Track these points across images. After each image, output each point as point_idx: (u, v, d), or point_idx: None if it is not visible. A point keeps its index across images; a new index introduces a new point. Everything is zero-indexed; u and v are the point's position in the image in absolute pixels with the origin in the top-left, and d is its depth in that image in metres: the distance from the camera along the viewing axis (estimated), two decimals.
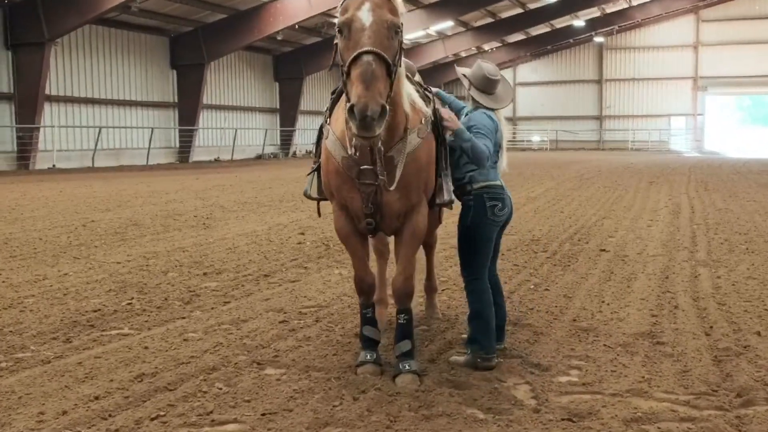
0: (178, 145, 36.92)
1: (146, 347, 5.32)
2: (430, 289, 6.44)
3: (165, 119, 36.50)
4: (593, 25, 51.17)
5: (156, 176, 25.77)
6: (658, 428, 4.00)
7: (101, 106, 32.98)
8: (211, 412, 4.07)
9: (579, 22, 49.87)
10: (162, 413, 4.02)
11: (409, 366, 4.63)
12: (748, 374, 4.86)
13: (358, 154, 4.31)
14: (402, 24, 4.19)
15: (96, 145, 32.02)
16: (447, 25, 44.40)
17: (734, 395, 4.50)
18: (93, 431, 3.80)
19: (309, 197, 5.18)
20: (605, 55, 55.57)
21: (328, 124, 4.76)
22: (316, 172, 5.13)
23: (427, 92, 5.21)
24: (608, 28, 52.71)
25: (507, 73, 58.73)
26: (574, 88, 56.46)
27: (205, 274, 8.18)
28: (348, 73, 3.96)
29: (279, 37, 36.76)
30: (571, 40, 54.51)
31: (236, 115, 41.79)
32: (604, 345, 5.55)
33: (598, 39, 54.04)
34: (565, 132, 55.69)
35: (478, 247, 5.22)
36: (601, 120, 56.11)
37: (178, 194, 18.01)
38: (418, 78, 5.53)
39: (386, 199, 4.53)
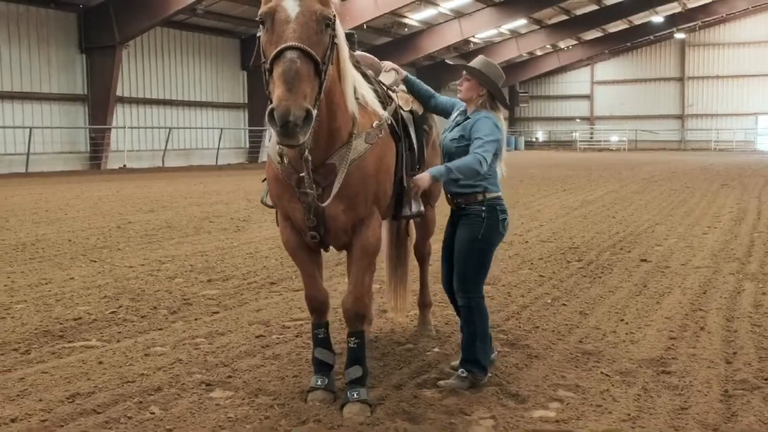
0: (248, 145, 37.31)
1: (101, 362, 5.03)
2: (424, 304, 5.95)
3: (235, 120, 36.95)
4: (674, 20, 49.14)
5: (219, 176, 25.95)
6: None
7: (171, 107, 33.62)
8: None
9: (658, 18, 47.97)
10: None
11: (358, 394, 4.16)
12: (757, 414, 4.20)
13: (286, 161, 3.88)
14: (334, 15, 3.71)
15: (166, 145, 32.63)
16: (520, 23, 43.41)
17: None
18: None
19: (265, 205, 4.76)
20: (687, 52, 53.36)
21: None
22: None
23: (390, 92, 4.73)
24: (690, 24, 50.52)
25: (584, 72, 57.22)
26: (654, 86, 54.47)
27: (209, 280, 7.90)
28: (270, 71, 3.52)
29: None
30: (651, 37, 52.56)
31: None
32: (602, 372, 4.95)
33: (679, 35, 51.87)
34: (644, 132, 53.70)
35: (486, 262, 4.80)
36: (683, 119, 53.93)
37: (228, 195, 17.97)
38: (390, 77, 5.03)
39: (329, 211, 4.06)
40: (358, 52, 4.90)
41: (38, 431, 3.85)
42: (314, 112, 3.45)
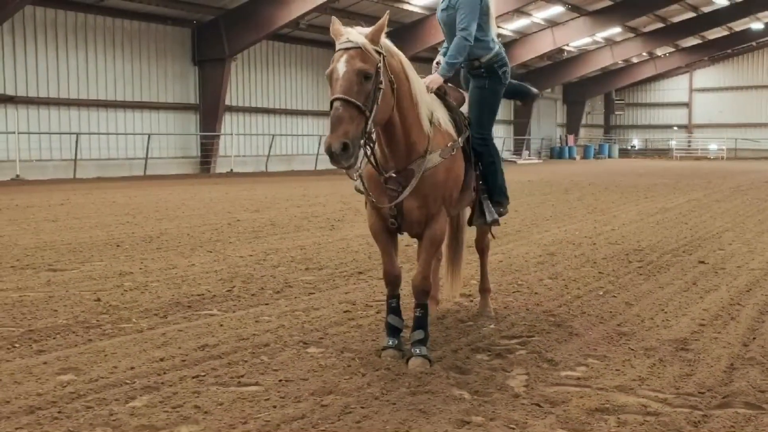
0: None
1: (221, 325, 6.36)
2: (484, 290, 7.03)
3: None
4: None
5: (319, 180, 27.52)
6: (618, 419, 4.38)
7: (275, 115, 35.72)
8: (242, 376, 4.98)
9: (758, 25, 46.81)
10: (203, 374, 5.00)
11: (419, 351, 5.31)
12: (750, 381, 5.03)
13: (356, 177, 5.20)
14: (378, 67, 4.78)
15: (269, 151, 34.69)
16: (614, 31, 43.43)
17: (720, 397, 4.74)
18: (145, 381, 4.83)
19: (359, 191, 5.91)
20: None
21: None
22: None
23: (467, 121, 5.92)
24: None
25: (683, 79, 56.29)
26: (756, 93, 53.14)
27: (306, 269, 9.20)
28: None
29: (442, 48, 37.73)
30: (754, 44, 51.26)
31: None
32: (629, 348, 5.86)
33: None
34: (745, 140, 52.40)
35: (495, 107, 6.23)
36: None
37: (326, 198, 19.42)
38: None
39: (406, 205, 5.28)
40: (449, 85, 6.07)
41: (180, 367, 5.17)
42: (359, 143, 4.68)
